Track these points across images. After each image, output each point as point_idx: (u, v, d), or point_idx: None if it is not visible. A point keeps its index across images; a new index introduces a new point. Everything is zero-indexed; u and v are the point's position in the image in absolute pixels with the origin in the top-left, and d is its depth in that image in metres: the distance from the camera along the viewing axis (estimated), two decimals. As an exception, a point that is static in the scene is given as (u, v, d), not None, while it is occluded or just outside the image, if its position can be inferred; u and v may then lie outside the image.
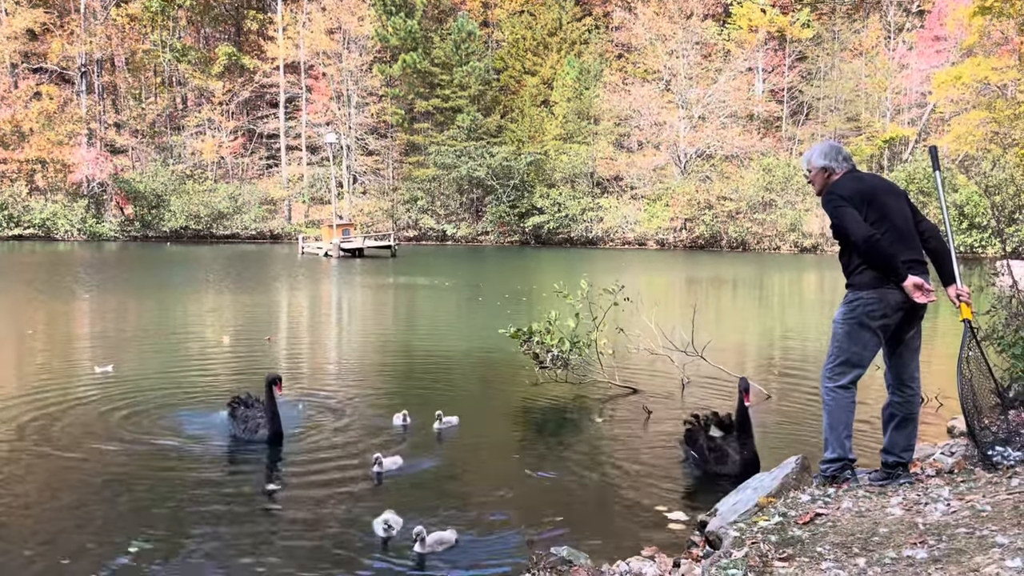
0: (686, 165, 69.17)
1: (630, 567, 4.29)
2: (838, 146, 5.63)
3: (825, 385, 5.31)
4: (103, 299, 24.54)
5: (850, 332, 5.18)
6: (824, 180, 5.40)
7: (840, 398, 5.23)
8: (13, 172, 64.57)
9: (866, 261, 5.06)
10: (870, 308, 5.10)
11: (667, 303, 23.31)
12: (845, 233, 5.09)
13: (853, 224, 5.03)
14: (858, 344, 5.17)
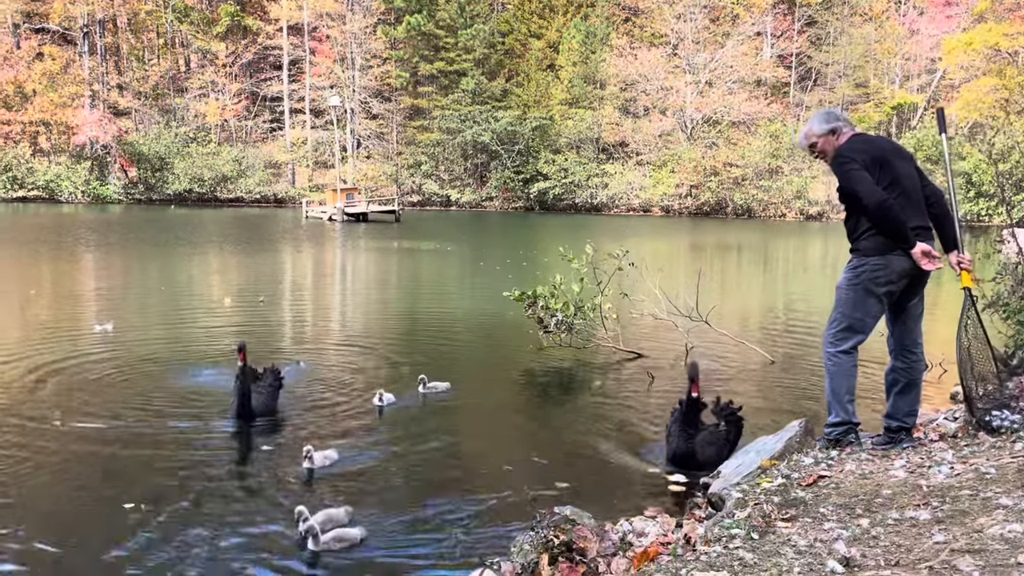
0: (692, 131, 68.61)
1: (633, 526, 4.31)
2: (833, 110, 5.55)
3: (827, 350, 5.27)
4: (106, 260, 24.59)
5: (854, 298, 5.13)
6: (834, 144, 5.30)
7: (842, 363, 5.21)
8: (17, 134, 64.32)
9: (876, 226, 4.99)
10: (876, 274, 5.05)
11: (672, 269, 23.26)
12: (856, 196, 4.99)
13: (865, 187, 4.93)
14: (861, 310, 5.12)
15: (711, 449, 6.26)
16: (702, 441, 6.29)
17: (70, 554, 4.84)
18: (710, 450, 6.25)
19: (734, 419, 6.54)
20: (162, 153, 66.30)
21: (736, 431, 6.51)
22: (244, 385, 7.55)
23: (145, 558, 4.78)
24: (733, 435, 6.45)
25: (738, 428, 6.55)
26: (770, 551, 3.41)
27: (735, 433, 6.49)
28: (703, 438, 6.31)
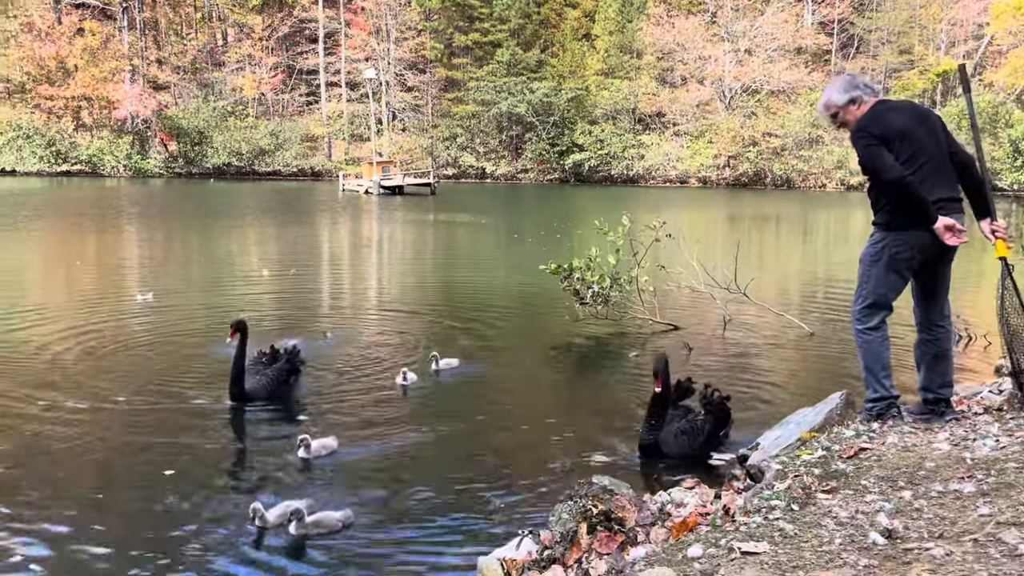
0: (731, 101, 67.59)
1: (671, 497, 4.32)
2: (853, 76, 5.36)
3: (856, 328, 5.15)
4: (148, 232, 25.03)
5: (877, 274, 4.99)
6: (855, 114, 5.12)
7: (872, 340, 5.10)
8: (60, 108, 65.36)
9: (897, 203, 4.87)
10: (897, 249, 4.91)
11: (709, 241, 23.04)
12: (875, 173, 4.85)
13: (883, 164, 4.77)
14: (884, 285, 4.99)
15: (683, 439, 5.97)
16: (673, 432, 6.00)
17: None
18: (682, 439, 5.97)
19: (716, 409, 6.23)
20: (201, 127, 66.99)
21: (717, 421, 6.18)
22: (237, 365, 7.25)
23: (102, 548, 4.59)
24: (711, 425, 6.11)
25: (719, 418, 6.21)
26: (811, 522, 3.39)
27: (715, 423, 6.15)
28: (674, 429, 6.02)
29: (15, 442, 6.20)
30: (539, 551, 3.81)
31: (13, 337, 9.79)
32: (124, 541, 4.64)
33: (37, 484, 5.42)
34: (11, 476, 5.55)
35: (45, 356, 8.91)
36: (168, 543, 4.64)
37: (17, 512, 4.97)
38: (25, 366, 8.51)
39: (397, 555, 4.54)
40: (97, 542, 4.64)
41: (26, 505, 5.08)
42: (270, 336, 10.01)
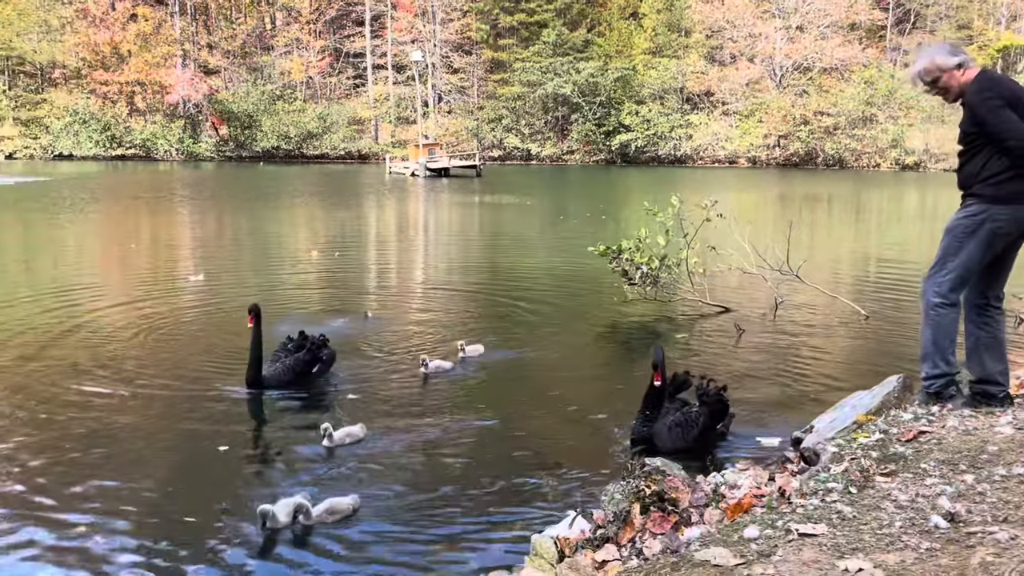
0: (782, 79, 66.27)
1: (724, 478, 4.29)
2: (952, 43, 5.16)
3: (932, 300, 4.93)
4: (200, 215, 25.53)
5: (971, 247, 4.72)
6: (959, 80, 4.88)
7: (948, 314, 4.92)
8: (114, 94, 66.79)
9: (1011, 172, 4.63)
10: (999, 224, 4.65)
11: (760, 221, 22.71)
12: (998, 136, 4.55)
13: (1013, 127, 4.50)
14: (976, 260, 4.73)
15: (676, 432, 5.72)
16: (667, 424, 5.74)
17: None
18: (675, 432, 5.72)
19: (712, 401, 5.97)
20: (250, 111, 67.92)
21: (713, 414, 5.92)
22: (254, 351, 7.06)
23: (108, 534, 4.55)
24: (706, 418, 5.85)
25: (716, 412, 5.95)
26: (870, 505, 3.35)
27: (710, 416, 5.90)
28: (669, 422, 5.77)
29: (46, 422, 6.35)
30: (592, 530, 3.82)
31: (68, 315, 10.07)
32: (136, 529, 4.59)
33: (54, 465, 5.51)
34: (33, 453, 5.71)
35: (94, 336, 9.16)
36: (182, 531, 4.56)
37: (32, 494, 5.02)
38: (72, 345, 8.73)
39: (449, 535, 4.57)
40: (107, 529, 4.60)
41: (40, 488, 5.12)
42: (315, 317, 10.19)
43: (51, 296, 11.43)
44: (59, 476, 5.30)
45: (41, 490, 5.09)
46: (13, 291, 11.99)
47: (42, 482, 5.21)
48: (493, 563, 4.17)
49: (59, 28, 67.87)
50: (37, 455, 5.62)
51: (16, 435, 6.01)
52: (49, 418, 6.39)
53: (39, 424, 6.25)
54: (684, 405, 6.02)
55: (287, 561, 4.31)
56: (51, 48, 67.65)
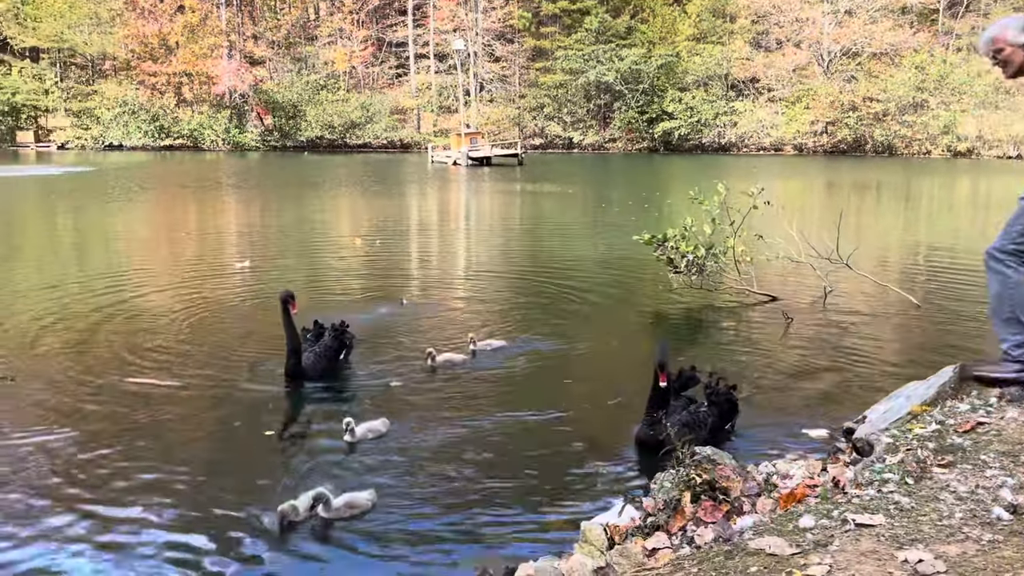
0: (829, 64, 65.03)
1: (776, 468, 4.24)
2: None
3: (1006, 270, 4.72)
4: (246, 203, 25.93)
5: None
6: (1021, 58, 4.76)
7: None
8: (162, 85, 68.01)
9: None
10: None
11: (807, 209, 22.37)
12: None
13: None
14: None
15: (684, 432, 5.14)
16: (676, 425, 5.35)
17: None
18: (683, 433, 5.06)
19: (722, 401, 5.71)
20: (295, 101, 68.68)
21: (722, 413, 5.67)
22: (292, 339, 6.93)
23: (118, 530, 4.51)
24: (715, 417, 5.60)
25: (725, 411, 5.70)
26: (928, 496, 3.28)
27: (720, 415, 5.66)
28: (676, 422, 5.41)
29: (86, 403, 6.50)
30: (642, 518, 3.81)
31: (116, 300, 10.31)
32: (156, 518, 4.59)
33: (89, 445, 5.63)
34: (71, 435, 5.84)
35: (140, 320, 9.37)
36: (202, 521, 4.54)
37: (66, 476, 5.12)
38: (119, 329, 8.92)
39: (496, 522, 4.58)
40: (131, 516, 4.63)
41: (73, 468, 5.23)
42: (355, 304, 10.29)
43: (101, 280, 11.74)
44: (91, 458, 5.40)
45: (74, 471, 5.21)
46: (64, 276, 12.32)
47: (78, 462, 5.34)
48: (541, 550, 4.17)
49: (109, 20, 69.23)
50: (75, 437, 5.75)
51: (58, 415, 6.16)
52: (90, 399, 6.53)
53: (80, 406, 6.39)
54: (690, 403, 5.75)
55: (314, 556, 4.28)
56: (101, 40, 69.12)
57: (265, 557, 4.23)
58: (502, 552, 4.20)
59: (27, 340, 8.37)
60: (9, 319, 9.30)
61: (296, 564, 4.20)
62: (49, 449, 5.51)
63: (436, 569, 4.13)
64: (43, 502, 4.78)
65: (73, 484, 5.02)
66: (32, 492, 4.89)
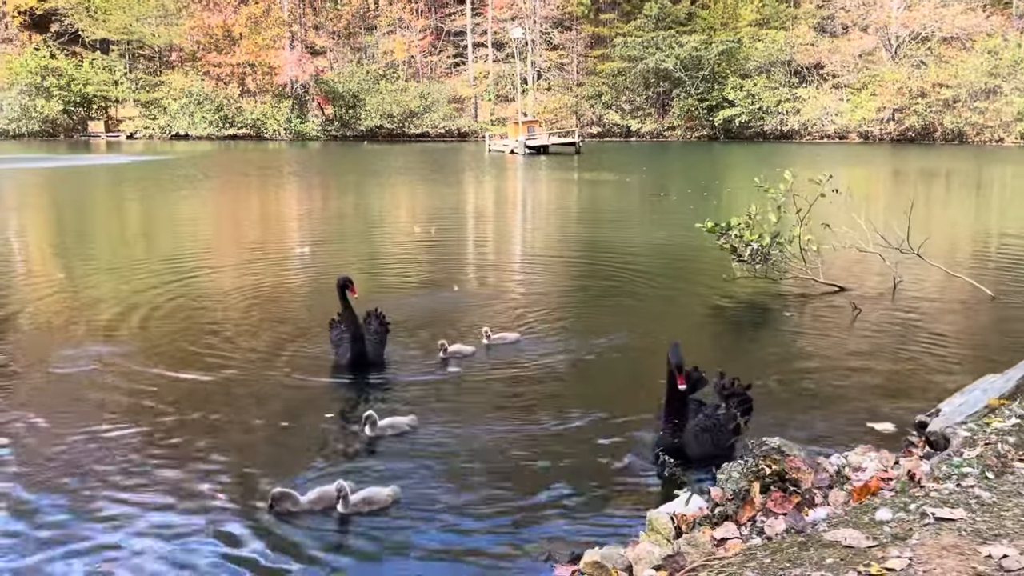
0: (898, 49, 63.14)
1: (848, 460, 4.15)
2: None
3: None
4: (307, 191, 26.36)
5: None
6: None
7: None
8: (226, 75, 69.40)
9: None
10: None
11: (874, 198, 21.81)
12: None
13: None
14: None
15: (705, 437, 5.11)
16: (694, 430, 5.13)
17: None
18: (704, 438, 5.11)
19: (740, 402, 5.36)
20: (354, 90, 69.41)
21: (741, 413, 5.31)
22: (358, 329, 6.87)
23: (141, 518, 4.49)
24: (737, 421, 5.24)
25: (743, 410, 5.34)
26: (1010, 491, 3.18)
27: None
28: (694, 427, 5.15)
29: (146, 385, 6.69)
30: (710, 508, 3.77)
31: (181, 284, 10.62)
32: (158, 510, 4.56)
33: (135, 422, 5.83)
34: (122, 415, 6.01)
35: (202, 303, 9.66)
36: (211, 518, 4.47)
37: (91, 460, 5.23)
38: (183, 311, 9.20)
39: (562, 507, 4.58)
40: (157, 500, 4.66)
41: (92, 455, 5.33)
42: (408, 291, 10.40)
43: (166, 265, 12.15)
44: (150, 442, 5.51)
45: (136, 454, 5.35)
46: (132, 262, 12.75)
47: (140, 444, 5.49)
48: (605, 538, 4.16)
49: (175, 12, 70.84)
50: (139, 419, 5.92)
51: (125, 398, 6.35)
52: (152, 383, 6.70)
53: (141, 388, 6.56)
54: (701, 405, 5.37)
55: (360, 551, 4.24)
56: (168, 32, 70.79)
57: (278, 546, 4.18)
58: (569, 539, 4.20)
59: (96, 323, 8.66)
60: (79, 303, 9.65)
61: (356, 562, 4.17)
62: (113, 437, 5.63)
63: (502, 550, 4.15)
64: (97, 486, 4.85)
65: (131, 466, 5.14)
66: (88, 477, 4.99)
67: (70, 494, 4.72)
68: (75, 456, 5.24)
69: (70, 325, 8.58)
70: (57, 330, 8.40)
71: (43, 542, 4.19)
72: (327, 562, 4.05)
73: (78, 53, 71.16)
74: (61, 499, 4.65)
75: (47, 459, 5.18)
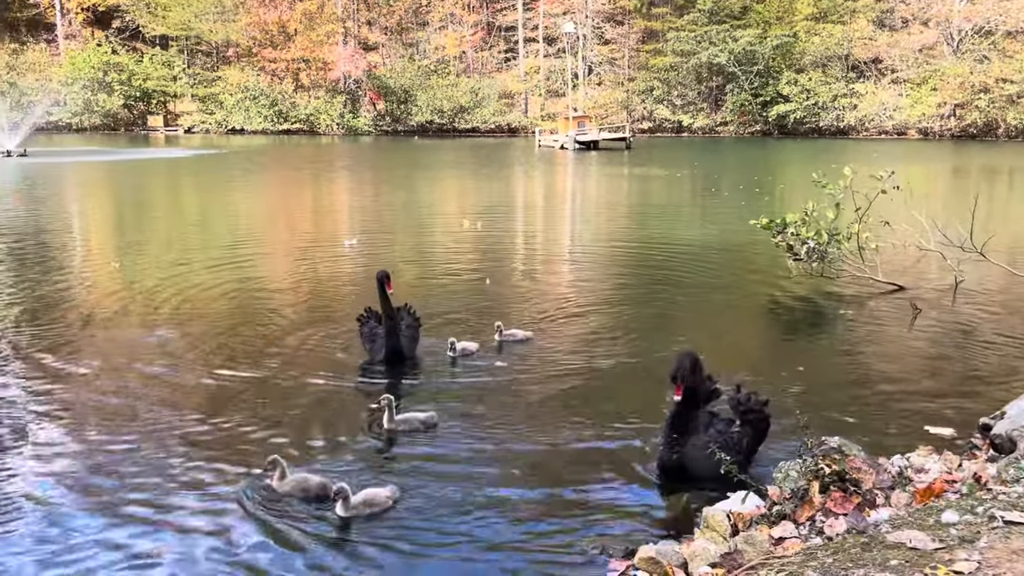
0: (959, 43, 61.41)
1: (910, 462, 4.07)
2: None
3: None
4: (358, 184, 26.70)
5: None
6: None
7: None
8: (281, 71, 70.40)
9: None
10: None
11: (933, 195, 21.29)
12: None
13: None
14: None
15: (708, 455, 4.51)
16: (701, 447, 4.66)
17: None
18: (709, 460, 4.47)
19: (756, 420, 4.86)
20: (406, 86, 69.90)
21: (756, 433, 4.87)
22: (394, 324, 6.81)
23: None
24: (751, 440, 4.82)
25: (759, 429, 4.88)
26: (1083, 497, 3.09)
27: (754, 435, 4.84)
28: (703, 444, 4.67)
29: (187, 369, 6.82)
30: (767, 506, 3.73)
31: (233, 272, 10.88)
32: (147, 507, 4.53)
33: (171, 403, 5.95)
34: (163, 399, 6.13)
35: (250, 290, 9.93)
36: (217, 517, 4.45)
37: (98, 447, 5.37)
38: (232, 298, 9.46)
39: (614, 504, 4.57)
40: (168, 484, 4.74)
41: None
42: (443, 283, 10.50)
43: (220, 252, 12.67)
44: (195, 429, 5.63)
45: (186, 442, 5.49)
46: (186, 251, 13.09)
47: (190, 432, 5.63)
48: (659, 534, 4.15)
49: (232, 8, 72.07)
50: (186, 405, 6.07)
51: (159, 386, 6.51)
52: (200, 370, 6.84)
53: (189, 376, 6.71)
54: (712, 418, 4.90)
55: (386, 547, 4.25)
56: (225, 28, 72.05)
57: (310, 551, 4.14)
58: (626, 537, 4.19)
59: (144, 311, 8.93)
60: (134, 291, 9.95)
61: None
62: (148, 426, 5.75)
63: (557, 543, 4.16)
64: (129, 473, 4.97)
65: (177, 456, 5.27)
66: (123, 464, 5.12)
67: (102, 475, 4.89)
68: (109, 442, 5.40)
69: (124, 312, 8.89)
70: (112, 316, 8.68)
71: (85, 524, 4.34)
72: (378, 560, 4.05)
73: (138, 49, 72.90)
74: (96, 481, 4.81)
75: (94, 442, 5.37)
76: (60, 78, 67.12)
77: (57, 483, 4.76)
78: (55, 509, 4.46)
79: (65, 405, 6.02)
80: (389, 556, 4.01)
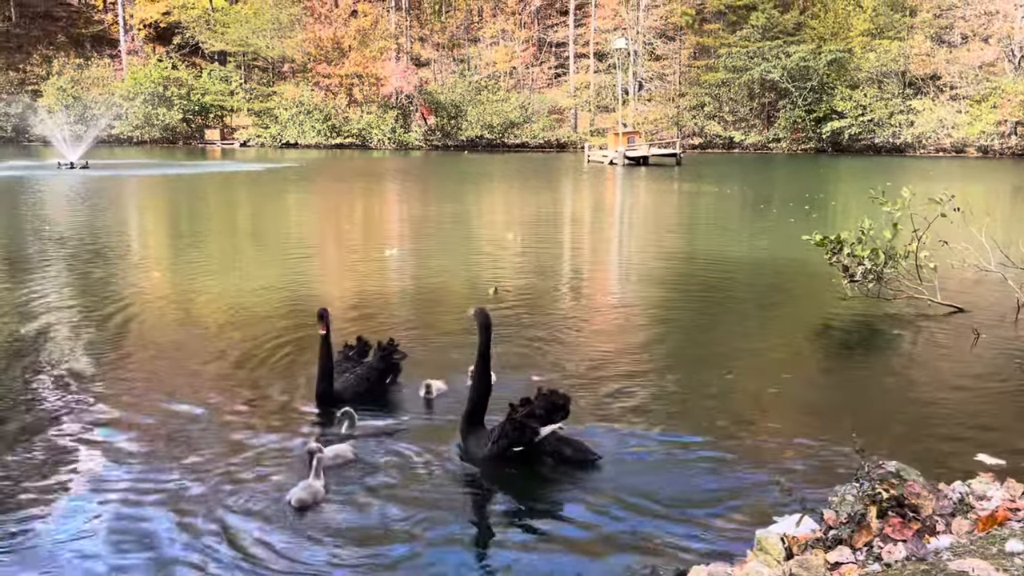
0: (1021, 60, 59.89)
1: (971, 488, 3.97)
2: None
3: None
4: (406, 198, 27.04)
5: None
6: None
7: None
8: (335, 86, 71.57)
9: None
10: None
11: (994, 215, 20.73)
12: None
13: None
14: None
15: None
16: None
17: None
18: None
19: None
20: (457, 101, 70.49)
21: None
22: (324, 363, 6.37)
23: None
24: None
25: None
26: None
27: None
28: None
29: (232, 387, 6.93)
30: (823, 530, 3.68)
31: (279, 279, 11.14)
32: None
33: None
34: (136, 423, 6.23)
35: (293, 297, 9.88)
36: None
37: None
38: (276, 304, 9.32)
39: (665, 526, 4.54)
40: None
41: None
42: (453, 301, 10.51)
43: (268, 260, 13.13)
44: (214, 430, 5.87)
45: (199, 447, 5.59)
46: (234, 260, 13.64)
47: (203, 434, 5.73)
48: (711, 554, 4.12)
49: (288, 25, 73.58)
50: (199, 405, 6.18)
51: (200, 388, 6.66)
52: (241, 375, 7.00)
53: (223, 383, 6.88)
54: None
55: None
56: (281, 44, 73.55)
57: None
58: (679, 556, 4.16)
59: (195, 319, 9.20)
60: (182, 300, 10.25)
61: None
62: (165, 426, 5.98)
63: (610, 563, 4.15)
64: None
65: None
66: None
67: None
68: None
69: (171, 318, 9.25)
70: (166, 321, 9.01)
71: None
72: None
73: (197, 64, 74.77)
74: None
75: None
76: (122, 92, 69.05)
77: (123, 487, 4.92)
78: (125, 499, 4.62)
79: (132, 399, 6.22)
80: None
